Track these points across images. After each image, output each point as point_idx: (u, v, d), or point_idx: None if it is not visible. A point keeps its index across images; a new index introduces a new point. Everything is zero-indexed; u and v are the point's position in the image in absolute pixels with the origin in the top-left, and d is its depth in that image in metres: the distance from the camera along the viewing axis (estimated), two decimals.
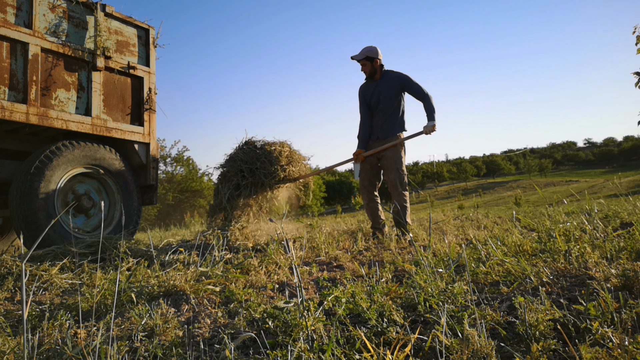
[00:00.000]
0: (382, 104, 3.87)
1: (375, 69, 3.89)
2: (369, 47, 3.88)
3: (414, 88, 3.82)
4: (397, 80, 3.86)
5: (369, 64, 3.87)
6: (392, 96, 3.85)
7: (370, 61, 3.86)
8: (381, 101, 3.87)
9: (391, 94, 3.85)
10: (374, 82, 3.95)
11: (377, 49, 3.88)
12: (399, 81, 3.85)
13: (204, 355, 1.25)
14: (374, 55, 3.85)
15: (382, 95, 3.87)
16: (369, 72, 3.92)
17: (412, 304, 1.55)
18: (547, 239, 2.28)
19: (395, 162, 3.76)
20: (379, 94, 3.88)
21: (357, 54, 3.89)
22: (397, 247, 3.05)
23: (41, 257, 2.81)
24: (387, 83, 3.88)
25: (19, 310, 1.87)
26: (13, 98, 3.36)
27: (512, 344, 1.18)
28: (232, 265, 2.31)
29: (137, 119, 4.26)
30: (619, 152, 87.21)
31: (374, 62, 3.87)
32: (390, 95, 3.85)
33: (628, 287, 1.47)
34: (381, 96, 3.87)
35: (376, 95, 3.90)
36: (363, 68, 3.92)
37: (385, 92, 3.86)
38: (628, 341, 1.04)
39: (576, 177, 59.25)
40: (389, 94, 3.85)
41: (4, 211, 4.13)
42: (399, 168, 3.76)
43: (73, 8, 3.78)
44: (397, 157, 3.77)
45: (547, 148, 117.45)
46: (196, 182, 25.43)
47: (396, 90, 3.85)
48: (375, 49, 3.87)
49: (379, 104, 3.89)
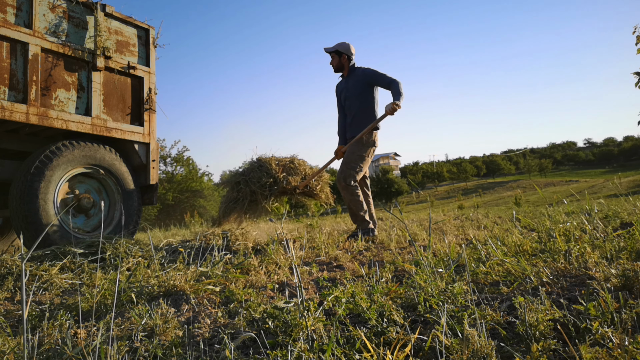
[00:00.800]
0: (349, 101, 3.87)
1: (342, 64, 3.88)
2: (342, 42, 3.88)
3: (380, 78, 3.76)
4: (362, 76, 3.82)
5: (337, 57, 3.86)
6: (358, 93, 3.82)
7: (339, 55, 3.85)
8: (348, 98, 3.87)
9: (357, 91, 3.82)
10: (344, 79, 3.96)
11: (349, 45, 3.86)
12: (364, 77, 3.81)
13: (204, 355, 1.25)
14: (344, 51, 3.83)
15: (349, 92, 3.86)
16: (335, 66, 3.90)
17: (412, 304, 1.55)
18: (547, 239, 2.28)
19: (347, 156, 3.72)
20: (347, 91, 3.88)
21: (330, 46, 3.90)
22: (397, 247, 3.05)
23: (41, 257, 2.81)
24: (354, 80, 3.86)
25: (19, 310, 1.87)
26: (13, 98, 3.36)
27: (512, 344, 1.18)
28: (232, 265, 2.31)
29: (137, 119, 4.26)
30: (619, 152, 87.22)
31: (342, 57, 3.85)
32: (356, 92, 3.82)
33: (628, 287, 1.47)
34: (349, 93, 3.86)
35: (345, 93, 3.91)
36: (332, 61, 3.91)
37: (352, 89, 3.84)
38: (628, 341, 1.04)
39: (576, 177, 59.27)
40: (355, 91, 3.83)
41: (4, 211, 4.13)
42: (347, 162, 3.70)
43: (73, 8, 3.78)
44: (351, 153, 3.71)
45: (547, 148, 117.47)
46: (196, 182, 25.44)
47: (362, 86, 3.80)
48: (348, 45, 3.86)
49: (346, 101, 3.89)
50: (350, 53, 3.86)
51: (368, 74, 3.81)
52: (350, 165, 3.70)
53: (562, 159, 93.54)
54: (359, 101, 3.83)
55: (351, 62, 3.90)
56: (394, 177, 48.36)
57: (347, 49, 3.85)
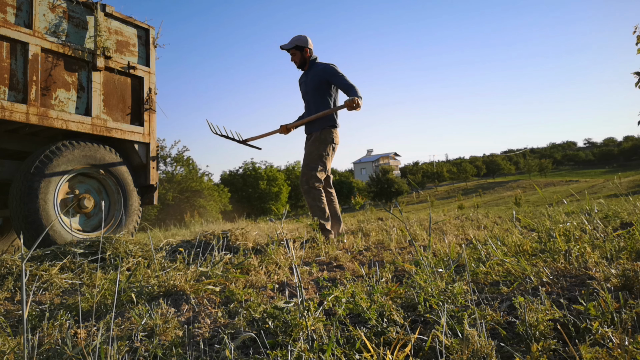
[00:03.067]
0: (307, 95, 3.75)
1: (304, 58, 3.74)
2: (298, 36, 3.73)
3: (338, 79, 3.62)
4: (321, 71, 3.68)
5: (299, 53, 3.72)
6: (315, 88, 3.69)
7: (300, 50, 3.71)
8: (306, 92, 3.75)
9: (314, 86, 3.69)
10: (304, 73, 3.83)
11: (307, 38, 3.73)
12: (323, 73, 3.67)
13: (204, 355, 1.25)
14: (304, 44, 3.70)
15: (307, 86, 3.73)
16: (299, 62, 3.76)
17: (412, 304, 1.55)
18: (547, 239, 2.28)
19: (306, 157, 3.62)
20: (306, 85, 3.75)
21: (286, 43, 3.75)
22: (397, 247, 3.05)
23: (41, 257, 2.81)
24: (312, 74, 3.72)
25: (19, 310, 1.87)
26: (13, 98, 3.36)
27: (512, 344, 1.18)
28: (232, 265, 2.31)
29: (137, 119, 4.26)
30: (619, 152, 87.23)
31: (304, 52, 3.71)
32: (314, 87, 3.69)
33: (628, 287, 1.47)
34: (307, 88, 3.74)
35: (304, 87, 3.79)
36: (293, 58, 3.77)
37: (310, 83, 3.72)
38: (628, 341, 1.04)
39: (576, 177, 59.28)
40: (313, 86, 3.70)
41: (4, 211, 4.13)
42: (307, 163, 3.59)
43: (73, 8, 3.78)
44: (309, 154, 3.61)
45: (547, 148, 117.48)
46: (196, 182, 25.45)
47: (319, 81, 3.67)
48: (305, 37, 3.72)
49: (305, 95, 3.78)
50: (310, 47, 3.74)
51: (327, 70, 3.66)
52: (311, 166, 3.58)
53: (562, 159, 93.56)
54: (315, 97, 3.71)
55: (312, 56, 3.77)
56: (394, 177, 48.37)
57: (306, 42, 3.71)
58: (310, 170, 3.57)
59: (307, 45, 3.70)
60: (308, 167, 3.59)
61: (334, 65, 3.68)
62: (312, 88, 3.70)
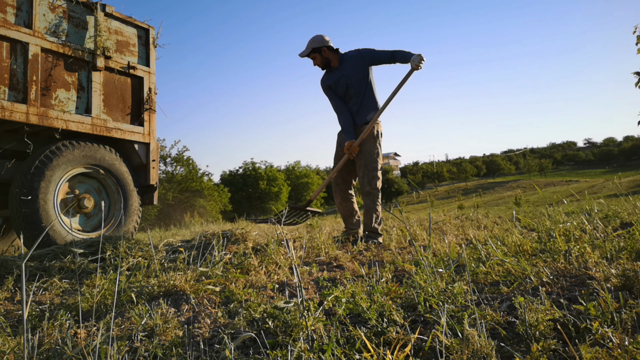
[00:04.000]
0: (352, 88, 3.53)
1: (327, 58, 3.55)
2: (312, 38, 3.55)
3: (379, 55, 3.47)
4: (360, 57, 3.52)
5: (318, 55, 3.53)
6: (361, 76, 3.52)
7: (318, 52, 3.52)
8: (350, 85, 3.53)
9: (359, 75, 3.51)
10: (335, 69, 3.60)
11: (322, 36, 3.54)
12: (363, 58, 3.51)
13: (204, 355, 1.25)
14: (320, 45, 3.51)
15: (349, 79, 3.52)
16: (322, 64, 3.58)
17: (412, 304, 1.55)
18: (547, 239, 2.28)
19: (365, 157, 3.42)
20: (346, 78, 3.53)
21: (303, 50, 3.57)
22: (397, 247, 3.05)
23: (41, 257, 2.81)
24: (350, 64, 3.53)
25: (19, 310, 1.87)
26: (13, 98, 3.36)
27: (512, 344, 1.18)
28: (232, 265, 2.31)
29: (137, 119, 4.26)
30: (619, 152, 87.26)
31: (323, 52, 3.52)
32: (358, 76, 3.51)
33: (628, 287, 1.47)
34: (349, 80, 3.52)
35: (343, 82, 3.55)
36: (315, 62, 3.58)
37: (351, 75, 3.51)
38: (628, 341, 1.04)
39: (576, 177, 59.27)
40: (356, 75, 3.51)
41: (4, 211, 4.13)
42: (367, 164, 3.42)
43: (73, 8, 3.78)
44: (368, 152, 3.43)
45: (547, 148, 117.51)
46: (196, 182, 25.47)
47: (362, 68, 3.51)
48: (320, 37, 3.54)
49: (349, 89, 3.54)
50: (328, 42, 3.54)
51: (366, 54, 3.51)
52: (372, 166, 3.41)
53: (562, 159, 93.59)
54: (364, 83, 3.52)
55: (335, 50, 3.59)
56: (394, 177, 48.37)
57: (322, 41, 3.52)
58: (372, 171, 3.41)
59: (323, 44, 3.52)
60: (368, 167, 3.41)
61: (366, 48, 3.55)
62: (359, 77, 3.51)
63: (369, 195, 3.41)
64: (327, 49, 3.53)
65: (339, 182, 3.60)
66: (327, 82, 3.63)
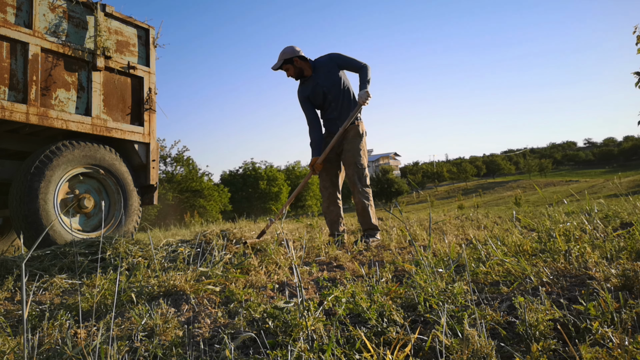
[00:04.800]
0: (329, 94, 3.53)
1: (300, 67, 3.54)
2: (283, 50, 3.56)
3: (349, 61, 3.49)
4: (330, 62, 3.53)
5: (291, 66, 3.53)
6: (335, 81, 3.52)
7: (290, 62, 3.52)
8: (327, 92, 3.53)
9: (334, 79, 3.51)
10: (309, 79, 3.59)
11: (292, 47, 3.54)
12: (333, 62, 3.53)
13: (204, 355, 1.25)
14: (290, 55, 3.50)
15: (325, 86, 3.52)
16: (296, 74, 3.58)
17: (412, 304, 1.55)
18: (547, 239, 2.28)
19: (354, 155, 3.43)
20: (322, 86, 3.53)
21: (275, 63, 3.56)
22: (397, 247, 3.05)
23: (41, 257, 2.81)
24: (324, 70, 3.53)
25: (19, 310, 1.87)
26: (13, 98, 3.36)
27: (512, 344, 1.18)
28: (232, 265, 2.31)
29: (137, 119, 4.26)
30: (619, 152, 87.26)
31: (295, 62, 3.51)
32: (334, 80, 3.51)
33: (628, 287, 1.47)
34: (325, 88, 3.52)
35: (319, 90, 3.54)
36: (288, 74, 3.58)
37: (327, 81, 3.52)
38: (628, 341, 1.04)
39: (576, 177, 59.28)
40: (333, 79, 3.51)
41: (4, 211, 4.13)
42: (357, 162, 3.42)
43: (73, 8, 3.78)
44: (356, 150, 3.44)
45: (547, 148, 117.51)
46: (196, 182, 25.47)
47: (336, 72, 3.52)
48: (291, 48, 3.53)
49: (326, 96, 3.54)
50: (299, 52, 3.53)
51: (335, 57, 3.53)
52: (361, 164, 3.43)
53: (562, 159, 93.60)
54: (340, 88, 3.53)
55: (307, 59, 3.57)
56: (394, 177, 48.39)
57: (292, 51, 3.52)
58: (362, 169, 3.43)
59: (294, 54, 3.51)
60: (358, 165, 3.42)
61: (337, 52, 3.58)
62: (335, 81, 3.53)
63: (363, 193, 3.42)
64: (298, 59, 3.52)
65: (327, 186, 3.57)
66: (304, 94, 3.62)
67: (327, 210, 3.58)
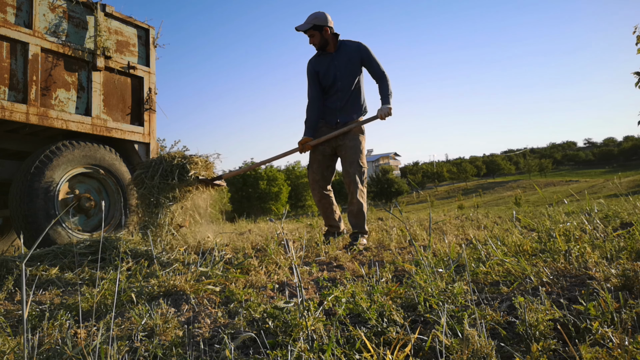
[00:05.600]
0: (340, 81, 3.26)
1: (326, 39, 3.24)
2: (315, 13, 3.23)
3: (373, 63, 3.26)
4: (357, 51, 3.26)
5: (318, 33, 3.21)
6: (353, 71, 3.26)
7: (319, 30, 3.20)
8: (339, 78, 3.25)
9: (351, 69, 3.26)
10: (329, 55, 3.31)
11: (325, 14, 3.22)
12: (359, 52, 3.26)
13: (204, 355, 1.25)
14: (323, 23, 3.19)
15: (340, 71, 3.25)
16: (319, 44, 3.26)
17: (412, 304, 1.55)
18: (547, 239, 2.28)
19: (356, 153, 3.24)
20: (336, 69, 3.26)
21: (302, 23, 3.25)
22: (397, 247, 3.05)
23: (41, 257, 2.81)
24: (346, 56, 3.26)
25: (19, 310, 1.87)
26: (13, 98, 3.36)
27: (512, 344, 1.18)
28: (232, 265, 2.31)
29: (137, 119, 4.26)
30: (619, 152, 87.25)
31: (324, 31, 3.21)
32: (351, 70, 3.26)
33: (628, 287, 1.47)
34: (339, 72, 3.25)
35: (333, 71, 3.27)
36: (311, 40, 3.26)
37: (344, 66, 3.25)
38: (628, 341, 1.04)
39: (576, 177, 59.29)
40: (349, 69, 3.25)
41: (4, 211, 4.13)
42: (359, 160, 3.24)
43: (73, 8, 3.78)
44: (358, 148, 3.25)
45: (547, 148, 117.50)
46: None
47: (357, 63, 3.27)
48: (324, 14, 3.22)
49: (336, 81, 3.27)
50: (331, 23, 3.24)
51: (363, 49, 3.26)
52: (360, 163, 3.28)
53: (562, 159, 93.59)
54: (353, 81, 3.26)
55: (338, 35, 3.29)
56: (394, 177, 48.40)
57: (325, 19, 3.20)
58: (361, 168, 3.26)
59: (326, 23, 3.20)
60: (357, 164, 3.24)
61: (367, 46, 3.30)
62: (350, 72, 3.26)
63: (362, 193, 3.28)
64: (329, 30, 3.24)
65: (317, 179, 3.37)
66: (315, 67, 3.35)
67: (319, 204, 3.41)
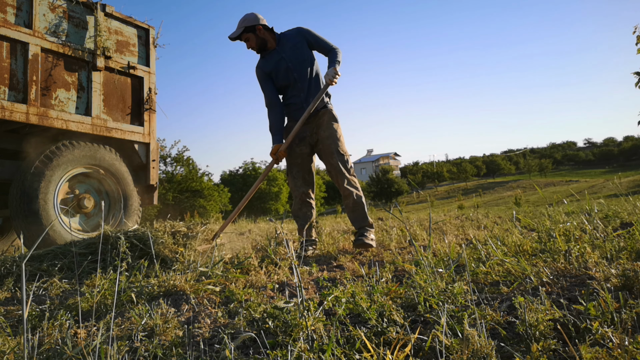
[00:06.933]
0: (295, 71, 3.06)
1: (262, 38, 3.05)
2: (243, 17, 3.08)
3: (319, 40, 3.08)
4: (299, 35, 3.09)
5: (252, 35, 3.03)
6: (303, 56, 3.08)
7: (253, 31, 3.03)
8: (293, 68, 3.06)
9: (301, 55, 3.07)
10: (273, 52, 3.11)
11: (254, 14, 3.08)
12: (302, 35, 3.09)
13: (204, 355, 1.25)
14: (254, 23, 3.02)
15: (290, 61, 3.06)
16: (257, 45, 3.08)
17: (412, 304, 1.55)
18: (547, 239, 2.28)
19: (334, 142, 3.02)
20: (286, 61, 3.06)
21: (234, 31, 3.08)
22: (397, 247, 3.05)
23: (41, 257, 2.81)
24: (291, 44, 3.09)
25: (19, 310, 1.87)
26: (13, 98, 3.36)
27: (512, 344, 1.18)
28: (232, 265, 2.31)
29: (137, 119, 4.26)
30: (619, 152, 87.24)
31: (258, 31, 3.03)
32: (300, 56, 3.07)
33: (628, 287, 1.47)
34: (290, 63, 3.06)
35: (283, 65, 3.07)
36: (249, 44, 3.07)
37: (292, 55, 3.06)
38: (628, 341, 1.04)
39: (576, 177, 59.28)
40: (298, 56, 3.07)
41: (4, 211, 4.13)
42: (339, 149, 3.02)
43: (73, 8, 3.79)
44: (335, 137, 3.03)
45: (547, 148, 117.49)
46: (196, 182, 25.46)
47: (303, 47, 3.09)
48: (253, 14, 3.07)
49: (291, 73, 3.07)
50: (262, 20, 3.07)
51: (305, 32, 3.10)
52: (343, 149, 3.06)
53: (562, 159, 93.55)
54: (307, 66, 3.09)
55: (272, 29, 3.11)
56: (394, 177, 48.38)
57: (255, 19, 3.04)
58: (344, 155, 3.04)
59: (257, 22, 3.03)
60: (337, 153, 3.01)
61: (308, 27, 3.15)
62: (303, 57, 3.08)
63: (352, 182, 3.02)
64: (262, 28, 3.05)
65: (298, 185, 3.10)
66: (264, 69, 3.11)
67: (299, 212, 3.13)
